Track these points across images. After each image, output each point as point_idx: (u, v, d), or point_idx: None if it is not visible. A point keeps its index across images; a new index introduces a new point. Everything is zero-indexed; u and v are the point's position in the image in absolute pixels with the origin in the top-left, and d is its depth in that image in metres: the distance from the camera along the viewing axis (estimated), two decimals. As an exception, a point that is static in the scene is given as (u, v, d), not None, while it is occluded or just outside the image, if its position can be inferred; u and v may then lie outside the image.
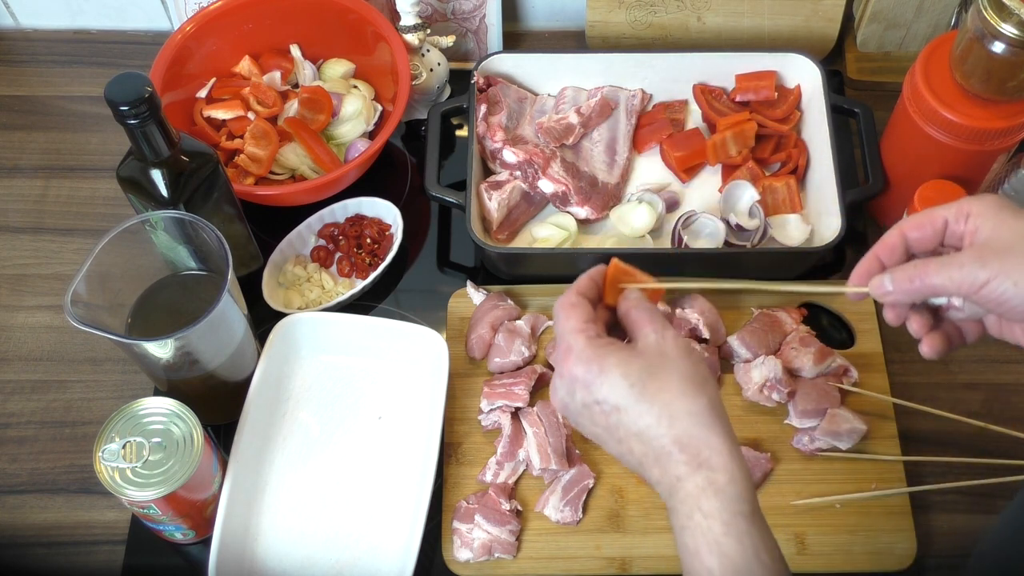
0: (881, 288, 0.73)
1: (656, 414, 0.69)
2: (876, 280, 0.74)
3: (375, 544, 0.97)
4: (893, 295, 0.73)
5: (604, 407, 0.71)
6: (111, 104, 0.86)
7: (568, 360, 0.72)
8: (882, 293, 0.73)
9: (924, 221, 0.73)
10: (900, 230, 0.74)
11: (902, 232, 0.74)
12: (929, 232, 0.73)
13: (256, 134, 1.14)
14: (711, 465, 0.68)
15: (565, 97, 1.21)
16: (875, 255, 0.75)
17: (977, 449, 1.02)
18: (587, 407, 0.72)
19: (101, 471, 0.88)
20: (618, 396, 0.70)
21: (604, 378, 0.70)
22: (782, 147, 1.18)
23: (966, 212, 0.71)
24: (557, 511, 0.98)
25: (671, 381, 0.70)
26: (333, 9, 1.18)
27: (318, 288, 1.12)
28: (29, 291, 1.14)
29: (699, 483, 0.67)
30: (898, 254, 0.75)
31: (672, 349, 0.71)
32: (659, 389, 0.69)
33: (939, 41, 1.05)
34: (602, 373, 0.70)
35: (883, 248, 0.75)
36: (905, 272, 0.72)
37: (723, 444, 0.68)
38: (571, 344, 0.72)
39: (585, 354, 0.71)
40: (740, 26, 1.26)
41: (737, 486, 0.67)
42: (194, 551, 0.99)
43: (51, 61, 1.33)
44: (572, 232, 1.13)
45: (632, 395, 0.70)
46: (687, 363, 0.71)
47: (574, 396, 0.72)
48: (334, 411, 1.04)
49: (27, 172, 1.23)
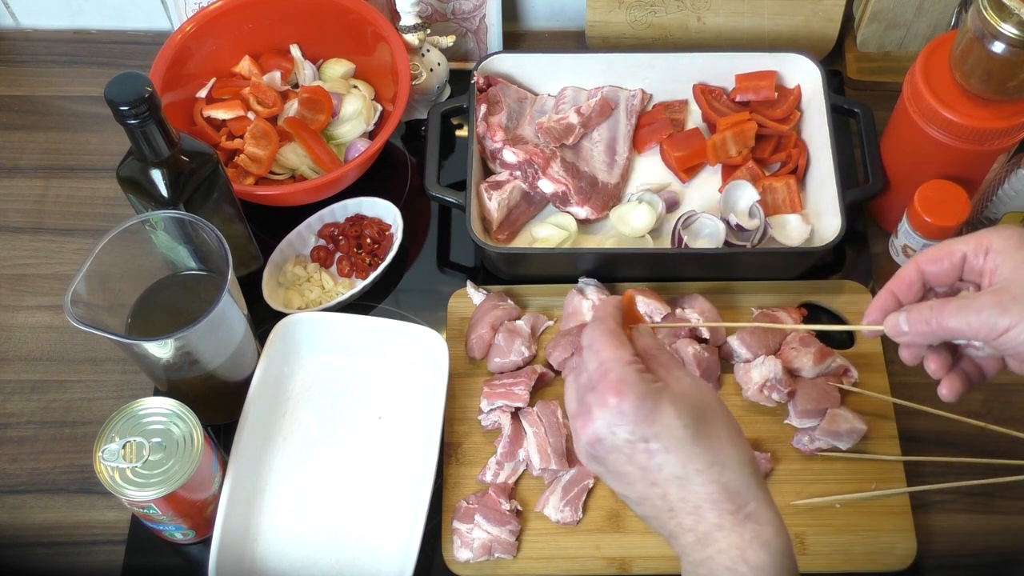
0: (896, 328, 0.72)
1: (708, 460, 0.67)
2: (892, 319, 0.72)
3: (375, 544, 0.97)
4: (908, 336, 0.71)
5: (651, 446, 0.67)
6: (111, 104, 0.86)
7: (617, 392, 0.68)
8: (897, 333, 0.72)
9: (941, 255, 0.72)
10: (916, 264, 0.73)
11: (918, 266, 0.72)
12: (947, 266, 0.72)
13: (256, 134, 1.14)
14: (757, 518, 0.66)
15: (565, 97, 1.21)
16: (890, 291, 0.73)
17: (977, 449, 1.02)
18: (629, 444, 0.68)
19: (101, 471, 0.88)
20: (670, 437, 0.67)
21: (657, 416, 0.67)
22: (782, 147, 1.18)
23: (986, 247, 0.70)
24: (557, 511, 0.98)
25: (719, 428, 0.68)
26: (333, 9, 1.18)
27: (318, 288, 1.12)
28: (29, 291, 1.14)
29: (745, 536, 0.65)
30: (915, 290, 0.73)
31: (711, 397, 0.70)
32: (710, 435, 0.68)
33: (939, 41, 1.04)
34: (656, 410, 0.67)
35: (898, 284, 0.73)
36: (921, 314, 0.70)
37: (767, 497, 0.67)
38: (623, 376, 0.68)
39: (639, 388, 0.68)
40: (740, 26, 1.26)
41: (782, 540, 0.66)
42: (194, 551, 0.99)
43: (51, 61, 1.33)
44: (572, 232, 1.13)
45: (686, 437, 0.67)
46: (727, 413, 0.70)
47: (615, 430, 0.68)
48: (334, 411, 1.04)
49: (27, 172, 1.23)
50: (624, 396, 0.68)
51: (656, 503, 0.68)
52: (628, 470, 0.69)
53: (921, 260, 0.73)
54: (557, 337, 1.07)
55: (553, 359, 1.06)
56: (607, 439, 0.69)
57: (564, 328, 1.08)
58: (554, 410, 1.02)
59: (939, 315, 0.69)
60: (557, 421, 1.01)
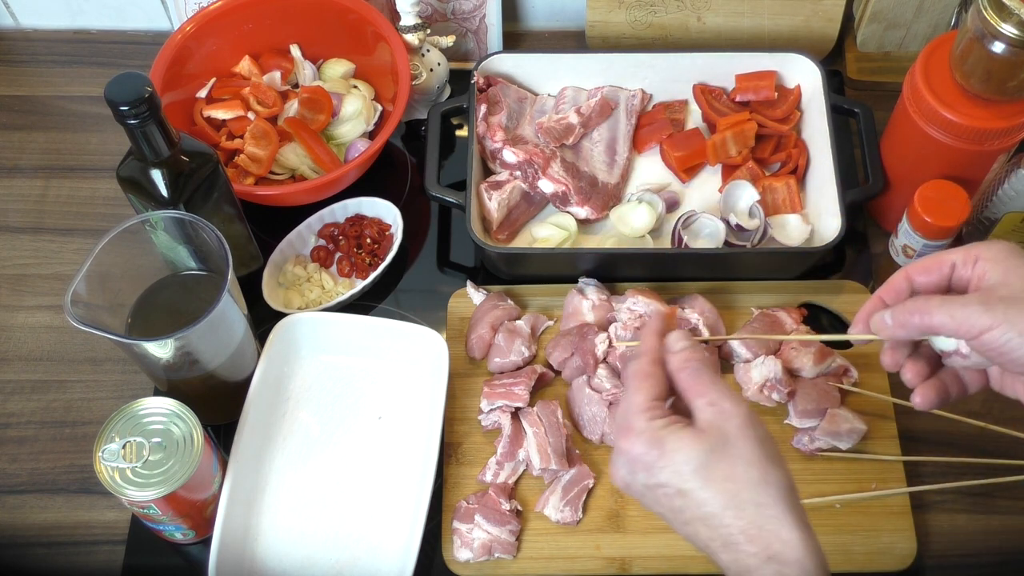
0: (881, 322, 0.72)
1: (721, 504, 0.66)
2: (877, 316, 0.72)
3: (375, 544, 0.97)
4: (891, 329, 0.71)
5: (667, 491, 0.68)
6: (111, 104, 0.86)
7: (627, 439, 0.70)
8: (880, 327, 0.72)
9: (931, 265, 0.72)
10: (906, 273, 0.73)
11: (908, 275, 0.73)
12: (936, 277, 0.72)
13: (256, 134, 1.14)
14: (782, 559, 0.65)
15: (565, 97, 1.21)
16: (879, 297, 0.74)
17: (977, 449, 1.02)
18: (650, 489, 0.70)
19: (101, 471, 0.88)
20: (680, 481, 0.67)
21: (665, 462, 0.68)
22: (782, 147, 1.18)
23: (975, 256, 0.70)
24: (557, 511, 0.98)
25: (736, 468, 0.67)
26: (333, 9, 1.18)
27: (318, 288, 1.12)
28: (29, 291, 1.14)
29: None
30: (903, 298, 0.73)
31: (734, 429, 0.68)
32: (724, 477, 0.67)
33: (939, 41, 1.04)
34: (662, 457, 0.68)
35: (888, 290, 0.74)
36: (906, 306, 0.70)
37: (794, 535, 0.65)
38: (632, 424, 0.70)
39: (644, 436, 0.69)
40: (740, 26, 1.26)
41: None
42: (194, 551, 0.99)
43: (51, 61, 1.33)
44: (572, 232, 1.13)
45: (696, 481, 0.67)
46: (751, 444, 0.68)
47: (635, 476, 0.70)
48: (334, 411, 1.04)
49: (27, 172, 1.23)
50: (632, 443, 0.70)
51: (695, 540, 0.69)
52: (660, 510, 0.71)
53: (911, 269, 0.73)
54: (557, 337, 1.07)
55: (553, 359, 1.06)
56: (631, 485, 0.71)
57: (564, 328, 1.08)
58: (554, 410, 1.02)
59: (923, 308, 0.69)
60: (557, 421, 1.01)
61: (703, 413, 0.69)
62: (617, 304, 1.07)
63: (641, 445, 0.69)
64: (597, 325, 1.06)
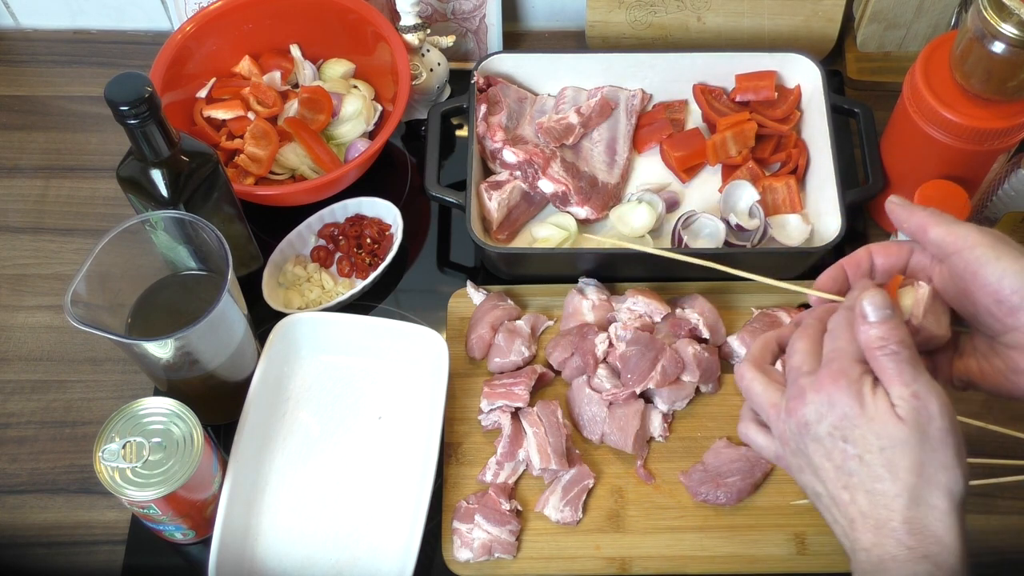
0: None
1: (897, 490, 0.65)
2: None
3: (375, 544, 0.97)
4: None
5: (848, 449, 0.67)
6: (111, 104, 0.86)
7: (837, 382, 0.68)
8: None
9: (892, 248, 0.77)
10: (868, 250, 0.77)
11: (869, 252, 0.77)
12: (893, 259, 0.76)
13: (256, 134, 1.14)
14: (938, 562, 0.64)
15: (565, 97, 1.21)
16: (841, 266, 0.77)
17: (977, 449, 1.02)
18: (831, 438, 0.68)
19: (101, 471, 0.88)
20: (866, 450, 0.66)
21: (861, 422, 0.67)
22: (782, 147, 1.18)
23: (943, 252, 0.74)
24: (557, 511, 0.98)
25: (927, 468, 0.65)
26: (333, 9, 1.18)
27: (318, 288, 1.12)
28: (29, 291, 1.14)
29: (919, 573, 0.63)
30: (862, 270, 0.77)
31: (936, 432, 0.66)
32: (910, 469, 0.65)
33: (939, 41, 1.04)
34: (861, 416, 0.67)
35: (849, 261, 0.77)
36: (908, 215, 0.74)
37: (957, 544, 0.64)
38: (846, 369, 0.68)
39: (854, 388, 0.67)
40: (740, 26, 1.26)
41: None
42: (194, 551, 0.99)
43: (51, 61, 1.33)
44: (572, 232, 1.13)
45: (880, 460, 0.66)
46: (949, 452, 0.66)
47: (823, 419, 0.68)
48: (334, 411, 1.04)
49: (27, 172, 1.23)
50: (840, 388, 0.67)
51: (843, 510, 0.68)
52: (826, 465, 0.68)
53: (873, 248, 0.77)
54: (557, 337, 1.07)
55: (553, 359, 1.06)
56: (813, 425, 0.68)
57: (564, 328, 1.08)
58: (554, 410, 1.02)
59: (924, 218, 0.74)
60: (557, 421, 1.01)
61: (905, 403, 0.67)
62: (617, 304, 1.08)
63: (849, 397, 0.67)
64: (597, 325, 1.06)
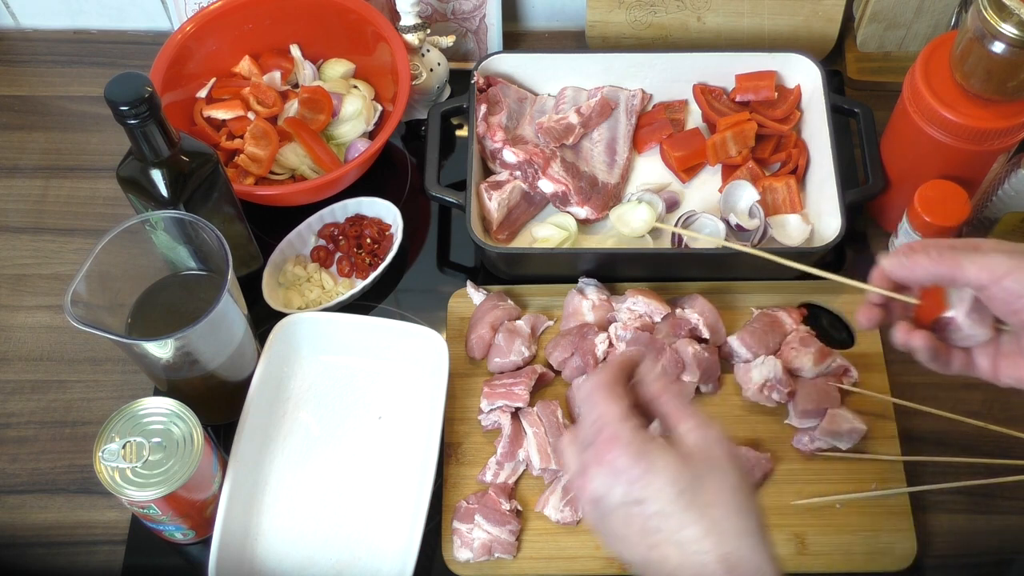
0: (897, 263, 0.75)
1: (704, 528, 0.64)
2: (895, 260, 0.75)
3: (375, 544, 0.97)
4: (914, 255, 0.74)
5: (644, 509, 0.65)
6: (111, 104, 0.86)
7: (612, 449, 0.67)
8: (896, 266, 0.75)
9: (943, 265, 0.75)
10: None
11: None
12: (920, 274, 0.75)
13: (256, 134, 1.14)
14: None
15: (565, 97, 1.21)
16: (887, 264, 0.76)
17: (977, 449, 1.02)
18: (624, 506, 0.66)
19: (101, 471, 0.88)
20: (663, 501, 0.65)
21: (651, 478, 0.65)
22: (782, 147, 1.18)
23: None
24: (557, 511, 0.98)
25: (723, 494, 0.65)
26: (333, 9, 1.18)
27: (318, 288, 1.12)
28: (29, 291, 1.14)
29: None
30: None
31: (722, 455, 0.67)
32: (708, 503, 0.65)
33: (939, 41, 1.04)
34: (649, 472, 0.66)
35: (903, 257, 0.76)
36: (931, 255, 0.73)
37: (771, 568, 0.64)
38: (617, 433, 0.67)
39: (631, 449, 0.66)
40: (740, 26, 1.26)
41: None
42: (194, 551, 0.99)
43: (51, 61, 1.33)
44: (572, 232, 1.13)
45: (680, 504, 0.65)
46: (737, 473, 0.66)
47: (612, 490, 0.66)
48: (334, 411, 1.04)
49: (27, 172, 1.23)
50: (617, 455, 0.67)
51: (658, 567, 0.66)
52: (627, 532, 0.67)
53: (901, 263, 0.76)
54: (557, 337, 1.07)
55: (553, 359, 1.06)
56: (604, 498, 0.67)
57: (564, 328, 1.08)
58: (554, 410, 1.02)
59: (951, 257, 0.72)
60: (557, 421, 1.01)
61: (689, 437, 0.68)
62: (617, 304, 1.08)
63: (628, 458, 0.66)
64: (597, 325, 1.06)
